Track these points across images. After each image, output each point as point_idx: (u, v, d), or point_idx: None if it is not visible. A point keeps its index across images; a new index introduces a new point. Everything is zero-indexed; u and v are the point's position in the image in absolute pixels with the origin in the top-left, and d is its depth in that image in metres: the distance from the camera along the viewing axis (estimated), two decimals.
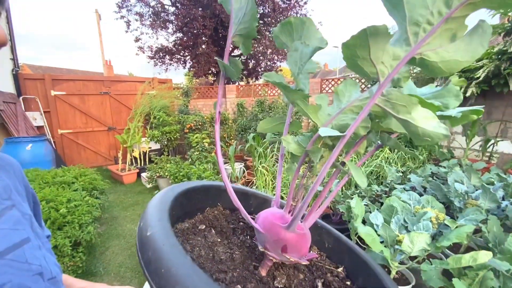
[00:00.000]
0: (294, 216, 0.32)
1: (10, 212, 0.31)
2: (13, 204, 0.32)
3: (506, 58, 3.54)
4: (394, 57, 0.20)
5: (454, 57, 0.19)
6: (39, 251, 0.31)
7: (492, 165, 3.54)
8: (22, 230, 0.31)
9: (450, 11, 0.17)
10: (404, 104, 0.21)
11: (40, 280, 0.29)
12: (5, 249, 0.27)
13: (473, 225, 1.62)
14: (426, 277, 1.46)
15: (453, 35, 0.19)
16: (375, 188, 2.57)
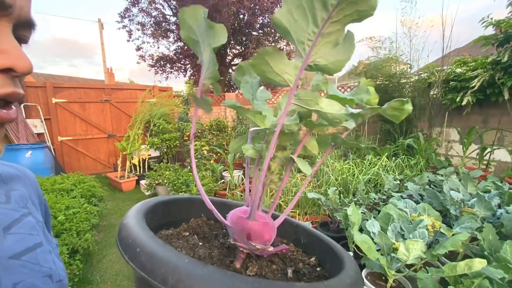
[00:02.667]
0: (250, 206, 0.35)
1: (26, 218, 0.34)
2: (29, 212, 0.36)
3: (500, 68, 3.61)
4: (295, 67, 0.28)
5: (337, 58, 0.26)
6: (49, 256, 0.35)
7: (489, 173, 3.56)
8: (36, 235, 0.34)
9: (319, 30, 0.24)
10: (311, 99, 0.28)
11: (49, 281, 0.32)
12: (21, 251, 0.31)
13: (468, 233, 1.64)
14: (422, 285, 1.46)
15: (335, 43, 0.25)
16: (372, 196, 2.58)
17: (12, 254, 0.30)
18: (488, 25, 3.61)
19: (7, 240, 0.30)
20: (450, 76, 4.34)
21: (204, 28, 0.30)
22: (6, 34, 0.26)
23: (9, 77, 0.27)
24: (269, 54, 0.27)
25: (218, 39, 0.31)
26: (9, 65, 0.26)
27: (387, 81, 4.66)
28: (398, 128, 4.64)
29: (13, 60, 0.26)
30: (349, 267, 0.37)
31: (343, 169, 3.25)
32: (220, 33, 0.30)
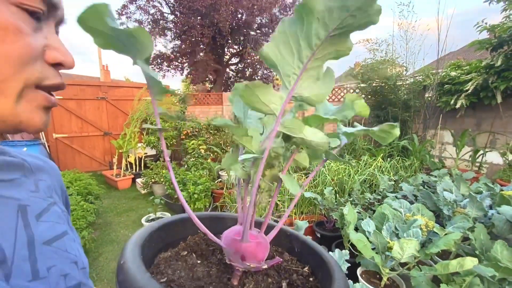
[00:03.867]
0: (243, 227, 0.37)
1: (53, 207, 0.36)
2: (55, 202, 0.38)
3: (493, 72, 3.69)
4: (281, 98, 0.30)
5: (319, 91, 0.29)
6: (74, 244, 0.37)
7: (481, 175, 3.63)
8: (62, 224, 0.36)
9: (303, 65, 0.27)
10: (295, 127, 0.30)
11: (75, 268, 0.35)
12: (52, 238, 0.33)
13: (460, 232, 1.68)
14: (415, 283, 1.50)
15: (317, 77, 0.29)
16: (368, 196, 2.62)
17: (45, 240, 0.32)
18: (483, 30, 3.68)
19: (40, 227, 0.32)
20: (444, 79, 4.41)
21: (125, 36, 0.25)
22: (54, 33, 0.30)
23: (57, 71, 0.31)
24: (257, 86, 0.29)
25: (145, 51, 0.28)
26: (61, 60, 0.30)
27: (383, 83, 4.71)
28: None
29: (63, 56, 0.30)
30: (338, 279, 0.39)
31: (339, 169, 3.29)
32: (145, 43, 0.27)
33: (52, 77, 0.30)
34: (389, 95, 4.67)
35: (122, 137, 5.17)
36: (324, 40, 0.25)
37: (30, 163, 0.38)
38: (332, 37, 0.25)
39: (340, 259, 1.32)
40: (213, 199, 3.60)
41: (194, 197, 3.28)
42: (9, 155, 0.36)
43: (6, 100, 0.26)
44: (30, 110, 0.29)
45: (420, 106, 4.65)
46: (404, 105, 4.61)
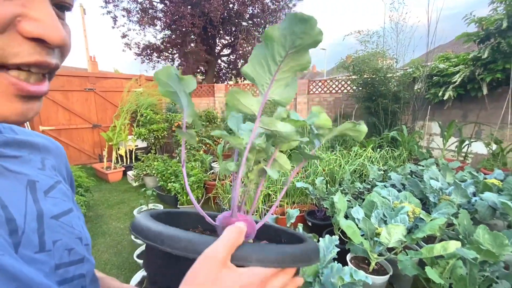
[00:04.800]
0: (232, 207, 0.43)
1: (59, 185, 0.37)
2: (60, 180, 0.39)
3: (480, 64, 3.77)
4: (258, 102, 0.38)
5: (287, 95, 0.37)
6: (79, 221, 0.38)
7: (467, 164, 3.75)
8: (68, 201, 0.37)
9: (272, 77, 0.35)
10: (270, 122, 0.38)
11: (79, 243, 0.36)
12: (59, 214, 0.34)
13: (445, 218, 1.75)
14: (402, 266, 1.56)
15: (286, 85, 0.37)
16: (357, 185, 2.68)
17: (52, 215, 0.33)
18: (471, 22, 3.74)
19: (48, 202, 0.33)
20: (433, 71, 4.49)
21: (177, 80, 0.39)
22: (43, 2, 0.24)
23: (41, 47, 0.25)
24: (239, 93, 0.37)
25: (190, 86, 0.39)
26: (40, 34, 0.24)
27: (374, 75, 4.76)
28: (383, 121, 4.78)
29: (45, 29, 0.24)
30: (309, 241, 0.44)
31: (330, 160, 3.33)
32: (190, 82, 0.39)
33: (25, 53, 0.24)
34: (379, 86, 4.72)
35: (112, 129, 5.08)
36: (285, 57, 0.34)
37: (38, 142, 0.39)
38: (290, 54, 0.33)
39: (330, 244, 1.36)
40: (205, 190, 3.61)
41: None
42: (18, 133, 0.37)
43: None
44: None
45: (410, 98, 4.73)
46: (394, 96, 4.68)
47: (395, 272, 1.91)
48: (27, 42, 0.24)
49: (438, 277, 1.42)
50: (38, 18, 0.24)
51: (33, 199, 0.31)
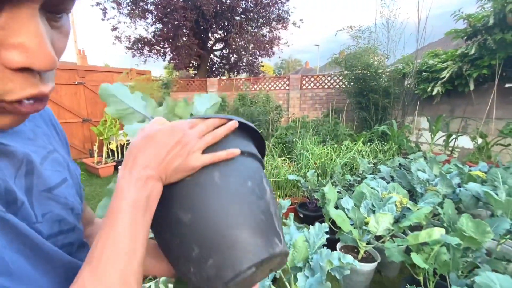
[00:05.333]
0: None
1: (52, 155, 0.37)
2: (54, 149, 0.39)
3: (467, 60, 3.86)
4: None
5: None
6: (72, 190, 0.38)
7: (453, 158, 3.86)
8: (62, 171, 0.38)
9: None
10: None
11: (71, 213, 0.36)
12: (52, 186, 0.34)
13: (430, 207, 1.81)
14: (389, 253, 1.61)
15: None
16: (348, 177, 2.73)
17: (45, 188, 0.33)
18: (459, 19, 3.82)
19: (41, 175, 0.33)
20: (423, 67, 4.57)
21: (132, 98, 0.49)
22: (27, 19, 0.21)
23: (32, 75, 0.23)
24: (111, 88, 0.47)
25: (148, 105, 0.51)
26: (26, 63, 0.21)
27: (365, 71, 4.82)
28: (374, 116, 4.86)
29: (30, 57, 0.21)
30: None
31: (321, 153, 3.38)
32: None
33: (19, 89, 0.22)
34: (370, 82, 4.79)
35: (102, 124, 5.00)
36: None
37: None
38: None
39: (320, 231, 1.39)
40: None
41: None
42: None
43: None
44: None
45: (400, 93, 4.81)
46: (384, 92, 4.75)
47: (382, 260, 1.97)
48: (17, 74, 0.22)
49: (423, 262, 1.48)
50: (21, 43, 0.21)
51: (26, 171, 0.31)
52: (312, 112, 6.44)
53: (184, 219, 0.34)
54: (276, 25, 9.94)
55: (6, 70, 0.21)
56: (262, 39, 9.72)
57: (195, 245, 0.34)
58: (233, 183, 0.37)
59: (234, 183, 0.37)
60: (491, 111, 3.85)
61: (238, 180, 0.37)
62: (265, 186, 0.40)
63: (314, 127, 5.05)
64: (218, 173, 0.37)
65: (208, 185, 0.36)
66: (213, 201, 0.35)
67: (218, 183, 0.36)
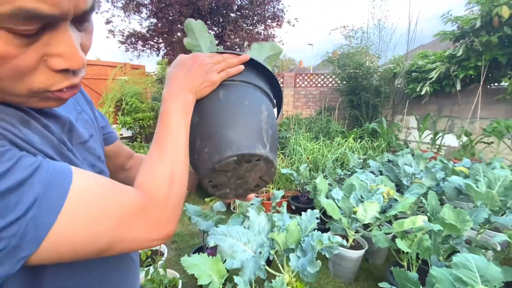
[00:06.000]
0: None
1: (82, 116, 0.47)
2: (82, 110, 0.48)
3: (454, 62, 4.01)
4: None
5: None
6: (97, 143, 0.48)
7: (439, 155, 4.02)
8: (89, 128, 0.47)
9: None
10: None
11: (98, 160, 0.46)
12: (85, 140, 0.44)
13: (415, 197, 1.91)
14: (375, 240, 1.70)
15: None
16: (338, 171, 2.83)
17: (81, 141, 0.43)
18: (448, 21, 3.96)
19: (78, 131, 0.43)
20: (412, 67, 4.71)
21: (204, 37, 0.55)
22: (61, 35, 0.29)
23: (68, 73, 0.32)
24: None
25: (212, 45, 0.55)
26: (65, 66, 0.30)
27: (357, 70, 4.93)
28: (365, 114, 4.99)
29: (67, 61, 0.30)
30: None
31: (314, 149, 3.47)
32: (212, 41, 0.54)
33: (59, 83, 0.31)
34: (362, 81, 4.90)
35: None
36: None
37: None
38: None
39: (311, 217, 1.47)
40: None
41: None
42: None
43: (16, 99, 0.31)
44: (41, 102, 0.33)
45: (390, 92, 4.95)
46: (375, 91, 4.88)
47: (370, 249, 2.07)
48: (58, 73, 0.31)
49: (406, 247, 1.57)
50: (60, 52, 0.29)
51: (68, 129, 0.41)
52: (306, 109, 6.54)
53: (194, 121, 0.47)
54: (271, 23, 9.98)
55: (50, 71, 0.30)
56: (257, 36, 9.75)
57: (198, 138, 0.47)
58: (232, 100, 0.49)
59: (233, 99, 0.49)
60: (476, 111, 4.01)
61: (237, 98, 0.49)
62: (262, 109, 0.50)
63: (307, 124, 5.15)
64: (223, 91, 0.49)
65: (213, 99, 0.49)
66: (214, 109, 0.48)
67: (221, 98, 0.49)
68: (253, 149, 0.45)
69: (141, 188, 0.38)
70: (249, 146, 0.45)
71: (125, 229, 0.34)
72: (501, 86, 3.95)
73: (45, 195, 0.28)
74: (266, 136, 0.48)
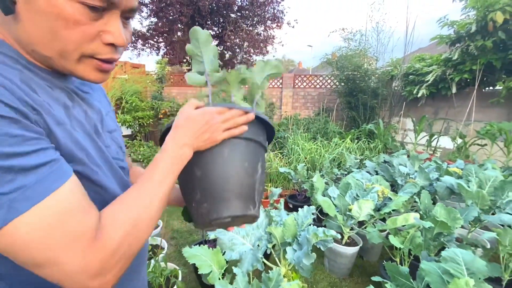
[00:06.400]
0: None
1: (110, 113, 0.57)
2: (111, 110, 0.59)
3: (450, 65, 4.09)
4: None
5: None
6: (120, 137, 0.56)
7: (435, 156, 4.09)
8: (114, 124, 0.56)
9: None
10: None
11: (120, 150, 0.54)
12: (111, 130, 0.53)
13: (408, 195, 1.97)
14: (369, 236, 1.76)
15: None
16: (335, 171, 2.89)
17: (108, 130, 0.51)
18: (444, 25, 4.04)
19: (107, 122, 0.52)
20: (409, 70, 4.79)
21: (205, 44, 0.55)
22: (114, 20, 0.40)
23: (112, 48, 0.42)
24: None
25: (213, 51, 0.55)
26: (112, 41, 0.40)
27: (355, 72, 5.00)
28: (362, 115, 5.06)
29: (115, 39, 0.40)
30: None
31: (311, 149, 3.53)
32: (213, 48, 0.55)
33: (104, 53, 0.41)
34: (360, 83, 4.97)
35: None
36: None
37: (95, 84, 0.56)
38: None
39: (308, 213, 1.53)
40: None
41: None
42: None
43: (67, 62, 0.40)
44: (85, 69, 0.41)
45: (387, 94, 5.02)
46: (373, 92, 4.95)
47: (365, 246, 2.14)
48: (106, 46, 0.41)
49: (399, 243, 1.63)
50: (111, 31, 0.40)
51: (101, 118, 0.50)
52: (304, 110, 6.60)
53: (197, 174, 0.51)
54: (271, 24, 10.05)
55: (101, 43, 0.40)
56: (257, 37, 9.82)
57: (199, 192, 0.51)
58: (235, 161, 0.52)
59: (236, 160, 0.52)
60: (471, 113, 4.09)
61: (239, 159, 0.52)
62: (258, 168, 0.55)
63: (306, 124, 5.21)
64: (227, 150, 0.51)
65: (216, 156, 0.51)
66: (217, 169, 0.50)
67: (225, 157, 0.51)
68: (246, 210, 0.51)
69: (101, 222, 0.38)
70: (243, 208, 0.51)
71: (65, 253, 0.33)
72: (496, 89, 4.03)
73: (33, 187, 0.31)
74: (258, 195, 0.54)
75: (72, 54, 0.39)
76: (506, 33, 3.33)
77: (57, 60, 0.39)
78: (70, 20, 0.36)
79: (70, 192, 0.35)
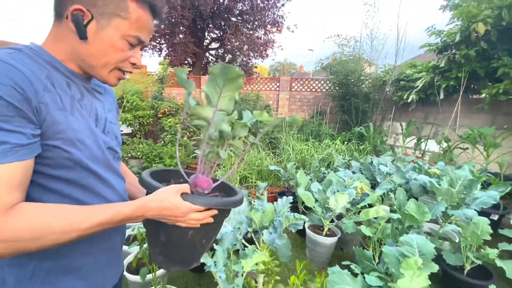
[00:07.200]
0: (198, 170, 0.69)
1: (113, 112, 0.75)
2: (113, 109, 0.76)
3: (438, 72, 4.27)
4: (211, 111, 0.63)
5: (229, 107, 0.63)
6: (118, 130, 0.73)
7: (421, 158, 4.26)
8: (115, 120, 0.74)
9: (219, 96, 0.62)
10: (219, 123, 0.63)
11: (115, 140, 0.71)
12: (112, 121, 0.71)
13: (383, 191, 2.14)
14: (345, 227, 1.93)
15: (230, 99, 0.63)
16: (322, 170, 3.06)
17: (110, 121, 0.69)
18: (432, 34, 4.22)
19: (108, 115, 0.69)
20: (401, 76, 4.98)
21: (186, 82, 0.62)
22: (138, 50, 0.64)
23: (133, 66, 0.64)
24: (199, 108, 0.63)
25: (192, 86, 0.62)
26: (135, 62, 0.63)
27: (349, 76, 5.19)
28: (354, 118, 5.23)
29: (137, 61, 0.63)
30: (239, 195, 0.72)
31: (302, 149, 3.71)
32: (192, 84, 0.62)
33: (128, 68, 0.63)
34: (353, 87, 5.16)
35: None
36: (223, 84, 0.59)
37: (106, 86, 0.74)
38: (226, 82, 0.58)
39: (286, 202, 1.70)
40: None
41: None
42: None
43: (104, 70, 0.61)
44: (111, 77, 0.62)
45: (379, 99, 5.20)
46: (365, 97, 5.13)
47: (344, 239, 2.30)
48: (129, 64, 0.63)
49: (371, 233, 1.80)
50: (136, 56, 0.63)
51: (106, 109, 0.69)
52: (300, 113, 6.78)
53: (162, 238, 0.66)
54: (271, 28, 10.28)
55: (129, 63, 0.63)
56: (257, 41, 10.04)
57: (159, 248, 0.67)
58: (195, 240, 0.66)
59: (196, 239, 0.67)
60: (456, 118, 4.27)
61: (200, 238, 0.67)
62: (216, 233, 0.73)
63: (300, 126, 5.39)
64: (192, 232, 0.64)
65: (182, 234, 0.64)
66: (179, 242, 0.65)
67: (188, 238, 0.65)
68: (190, 266, 0.70)
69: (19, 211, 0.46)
70: (188, 265, 0.70)
71: None
72: (481, 97, 4.21)
73: None
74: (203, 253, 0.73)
75: (110, 66, 0.60)
76: (488, 43, 3.51)
77: (98, 68, 0.60)
78: (118, 49, 0.59)
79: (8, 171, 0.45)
